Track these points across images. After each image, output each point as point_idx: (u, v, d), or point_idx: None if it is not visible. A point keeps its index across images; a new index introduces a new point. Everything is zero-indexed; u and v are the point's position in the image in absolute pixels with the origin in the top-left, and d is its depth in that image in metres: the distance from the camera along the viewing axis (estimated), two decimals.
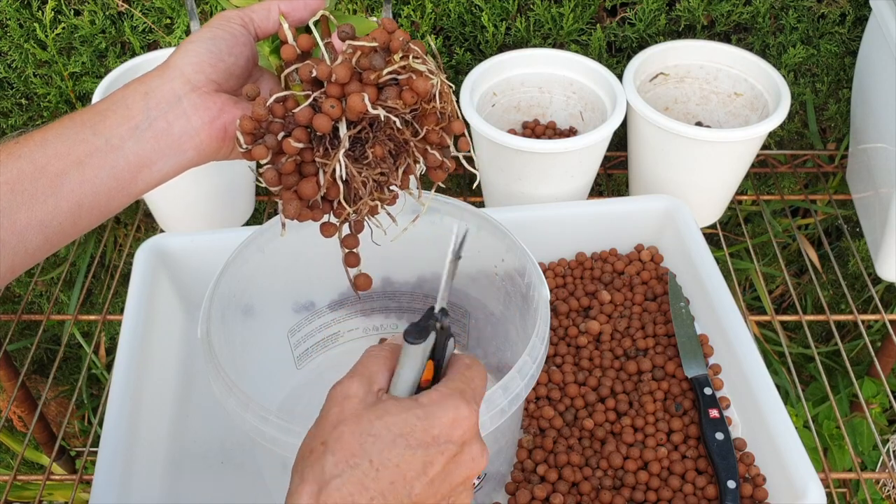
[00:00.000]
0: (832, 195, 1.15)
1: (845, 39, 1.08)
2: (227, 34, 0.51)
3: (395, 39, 0.47)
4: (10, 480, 0.86)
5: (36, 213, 0.46)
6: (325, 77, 0.47)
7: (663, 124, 0.93)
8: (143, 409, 0.74)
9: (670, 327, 0.84)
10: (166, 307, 0.85)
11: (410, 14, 1.05)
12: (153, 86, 0.49)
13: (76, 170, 0.46)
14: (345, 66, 0.47)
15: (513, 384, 0.60)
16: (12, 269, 0.46)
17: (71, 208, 0.47)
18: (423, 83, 0.47)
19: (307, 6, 0.52)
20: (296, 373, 0.80)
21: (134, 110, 0.48)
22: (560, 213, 0.91)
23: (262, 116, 0.48)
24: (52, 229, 0.47)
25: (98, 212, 0.48)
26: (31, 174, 0.46)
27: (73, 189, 0.47)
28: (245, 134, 0.48)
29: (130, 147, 0.48)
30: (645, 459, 0.75)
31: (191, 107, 0.49)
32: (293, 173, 0.49)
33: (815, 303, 1.31)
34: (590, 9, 1.05)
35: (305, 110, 0.47)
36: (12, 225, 0.45)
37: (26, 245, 0.46)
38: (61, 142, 0.47)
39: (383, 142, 0.49)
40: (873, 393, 1.18)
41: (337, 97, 0.47)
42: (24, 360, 1.20)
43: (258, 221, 1.10)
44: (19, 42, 1.06)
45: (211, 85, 0.50)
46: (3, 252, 0.45)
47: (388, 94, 0.47)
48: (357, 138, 0.48)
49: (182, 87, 0.49)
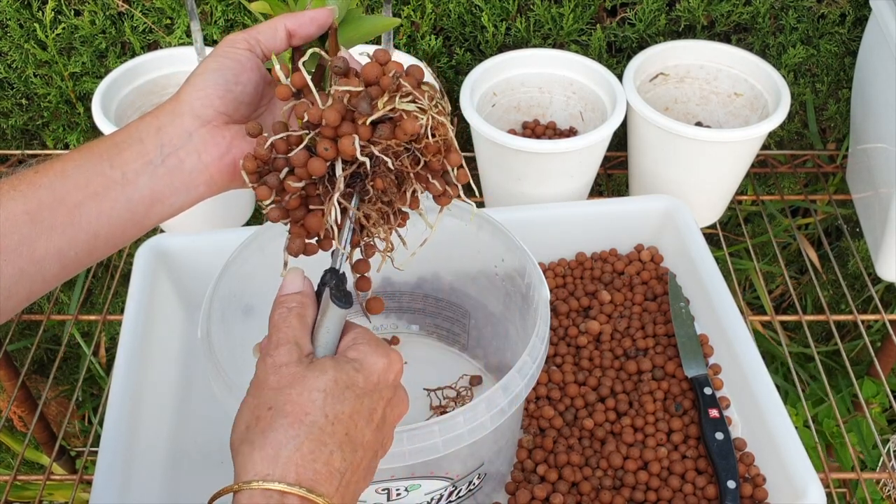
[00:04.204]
0: (832, 195, 1.15)
1: (845, 39, 1.08)
2: (233, 62, 0.51)
3: (385, 77, 0.46)
4: (10, 480, 0.86)
5: (54, 243, 0.46)
6: (315, 121, 0.47)
7: (663, 124, 0.93)
8: (143, 409, 0.74)
9: (670, 327, 0.84)
10: (166, 307, 0.85)
11: (410, 14, 1.05)
12: (165, 122, 0.49)
13: (94, 202, 0.47)
14: (334, 109, 0.46)
15: (513, 384, 0.60)
16: (29, 297, 0.47)
17: (88, 239, 0.47)
18: (410, 124, 0.46)
19: (314, 21, 0.51)
20: None
21: (148, 146, 0.49)
22: (560, 213, 0.91)
23: (264, 156, 0.48)
24: (69, 258, 0.47)
25: (113, 242, 0.49)
26: (50, 204, 0.46)
27: (90, 220, 0.47)
28: (249, 174, 0.48)
29: (145, 182, 0.48)
30: (645, 459, 0.75)
31: (201, 143, 0.49)
32: (299, 208, 0.49)
33: (815, 303, 1.31)
34: (590, 9, 1.05)
35: (301, 153, 0.47)
36: (31, 254, 0.46)
37: (44, 274, 0.47)
38: (80, 173, 0.47)
39: (384, 174, 0.48)
40: (873, 393, 1.18)
41: (331, 138, 0.47)
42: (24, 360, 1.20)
43: (258, 221, 1.10)
44: (19, 42, 1.06)
45: (220, 118, 0.50)
46: (22, 281, 0.46)
47: (381, 132, 0.47)
48: (357, 173, 0.48)
49: (192, 123, 0.49)
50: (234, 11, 1.05)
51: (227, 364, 0.61)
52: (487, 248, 0.72)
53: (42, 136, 1.17)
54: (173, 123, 0.49)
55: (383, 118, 0.47)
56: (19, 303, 0.47)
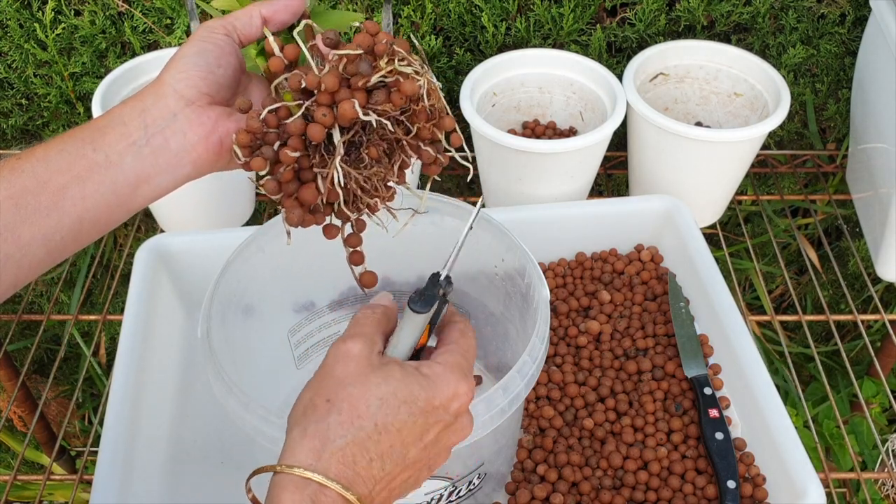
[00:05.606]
0: (832, 195, 1.15)
1: (845, 39, 1.08)
2: (213, 45, 0.51)
3: (379, 43, 0.48)
4: (10, 480, 0.86)
5: (39, 228, 0.46)
6: (314, 87, 0.47)
7: (663, 124, 0.93)
8: (143, 409, 0.74)
9: (670, 327, 0.84)
10: (166, 307, 0.85)
11: (410, 14, 1.05)
12: (149, 103, 0.50)
13: (77, 185, 0.47)
14: (333, 74, 0.47)
15: (513, 384, 0.60)
16: (15, 283, 0.47)
17: (72, 223, 0.48)
18: (410, 85, 0.47)
19: (287, 8, 0.52)
20: (296, 373, 0.80)
21: (131, 127, 0.49)
22: (560, 213, 0.91)
23: (257, 129, 0.48)
24: (55, 243, 0.47)
25: (98, 226, 0.49)
26: (33, 189, 0.46)
27: (74, 204, 0.47)
28: (242, 147, 0.49)
29: (129, 163, 0.48)
30: (645, 459, 0.75)
31: (186, 122, 0.49)
32: (292, 181, 0.50)
33: (815, 303, 1.31)
34: (590, 9, 1.05)
35: (298, 121, 0.48)
36: (16, 239, 0.46)
37: (30, 259, 0.47)
38: (63, 157, 0.47)
39: (377, 143, 0.49)
40: (873, 393, 1.18)
41: (328, 105, 0.48)
42: (24, 360, 1.20)
43: (258, 221, 1.10)
44: (19, 42, 1.06)
45: (204, 98, 0.50)
46: (8, 266, 0.46)
47: (377, 98, 0.48)
48: (351, 142, 0.49)
49: (176, 103, 0.49)
50: None
51: (227, 364, 0.61)
52: (487, 247, 0.72)
53: (42, 136, 1.17)
54: (157, 105, 0.49)
55: (377, 85, 0.48)
56: (6, 289, 0.47)
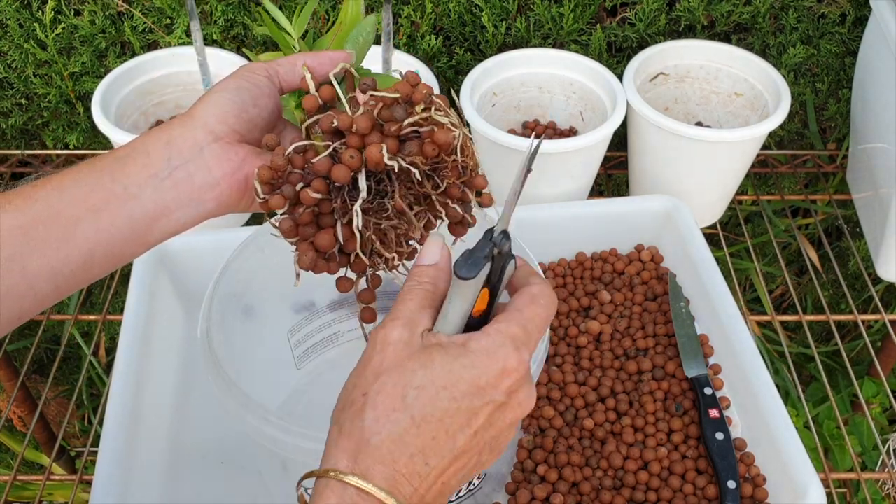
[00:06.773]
0: (832, 195, 1.15)
1: (845, 39, 1.08)
2: (252, 85, 0.50)
3: (419, 92, 0.46)
4: (10, 480, 0.86)
5: (48, 260, 0.45)
6: (346, 127, 0.46)
7: (663, 124, 0.93)
8: (143, 409, 0.74)
9: (670, 327, 0.84)
10: (166, 307, 0.85)
11: (410, 14, 1.05)
12: (175, 134, 0.48)
13: (92, 217, 0.45)
14: (366, 116, 0.46)
15: None
16: (20, 316, 0.45)
17: (83, 256, 0.46)
18: (444, 135, 0.46)
19: (333, 61, 0.51)
20: (296, 373, 0.80)
21: (154, 158, 0.47)
22: (560, 213, 0.91)
23: (281, 166, 0.47)
24: (63, 277, 0.45)
25: (111, 260, 0.47)
26: (45, 219, 0.44)
27: (87, 237, 0.45)
28: (263, 184, 0.47)
29: (149, 195, 0.46)
30: (645, 459, 0.75)
31: (213, 157, 0.48)
32: (310, 224, 0.48)
33: (816, 303, 1.31)
34: (590, 9, 1.05)
35: (324, 160, 0.46)
36: (23, 271, 0.44)
37: (35, 292, 0.45)
38: (78, 187, 0.45)
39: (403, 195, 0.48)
40: (873, 393, 1.18)
41: (357, 147, 0.46)
42: (24, 360, 1.20)
43: (258, 221, 1.10)
44: (19, 42, 1.06)
45: (234, 136, 0.49)
46: (12, 298, 0.44)
47: (409, 149, 0.46)
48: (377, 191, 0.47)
49: (205, 137, 0.48)
50: (233, 11, 1.05)
51: (227, 364, 0.61)
52: None
53: (42, 136, 1.17)
54: (184, 136, 0.47)
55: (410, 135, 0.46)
56: (10, 321, 0.45)
